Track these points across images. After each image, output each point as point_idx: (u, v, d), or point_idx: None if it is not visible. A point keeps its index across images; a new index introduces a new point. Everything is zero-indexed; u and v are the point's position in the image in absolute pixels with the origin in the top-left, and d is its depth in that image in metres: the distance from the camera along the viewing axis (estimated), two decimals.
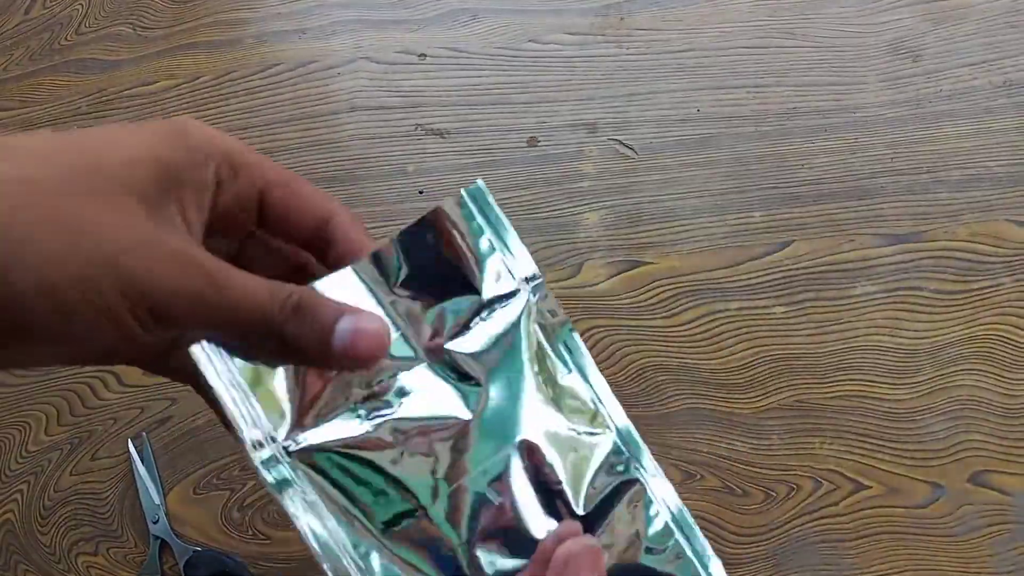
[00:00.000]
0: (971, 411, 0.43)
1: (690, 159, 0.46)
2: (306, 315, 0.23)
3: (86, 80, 0.52)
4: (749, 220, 0.45)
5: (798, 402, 0.44)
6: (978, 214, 0.45)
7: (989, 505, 0.42)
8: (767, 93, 0.47)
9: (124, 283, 0.21)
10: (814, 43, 0.47)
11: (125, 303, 0.21)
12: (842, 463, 0.43)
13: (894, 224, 0.45)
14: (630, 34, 0.48)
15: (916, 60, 0.47)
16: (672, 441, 0.44)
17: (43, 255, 0.21)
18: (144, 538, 0.44)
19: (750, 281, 0.45)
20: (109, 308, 0.21)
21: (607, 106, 0.47)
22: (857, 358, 0.44)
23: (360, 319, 0.24)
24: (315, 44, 0.51)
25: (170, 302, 0.22)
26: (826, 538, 0.42)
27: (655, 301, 0.45)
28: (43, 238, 0.21)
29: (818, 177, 0.46)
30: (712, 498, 0.43)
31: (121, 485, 0.45)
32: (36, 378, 0.46)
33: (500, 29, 0.49)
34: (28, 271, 0.20)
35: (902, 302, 0.44)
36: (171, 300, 0.22)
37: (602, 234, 0.45)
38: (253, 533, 0.44)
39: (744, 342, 0.44)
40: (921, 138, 0.46)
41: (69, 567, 0.44)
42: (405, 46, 0.50)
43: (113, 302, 0.21)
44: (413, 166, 0.48)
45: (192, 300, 0.22)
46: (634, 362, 0.44)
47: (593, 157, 0.47)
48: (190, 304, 0.22)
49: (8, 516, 0.45)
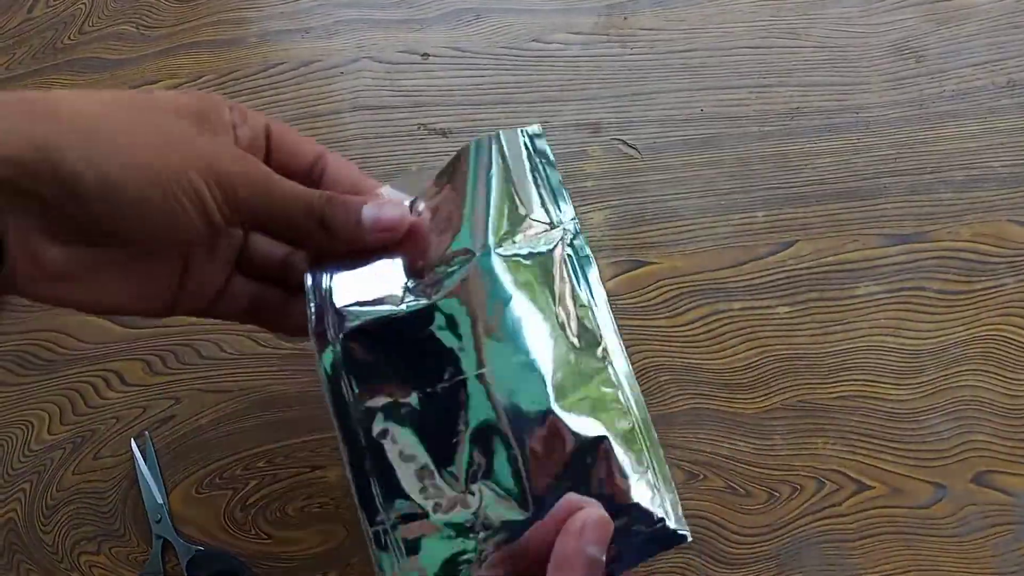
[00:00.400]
0: (974, 411, 0.43)
1: (694, 159, 0.46)
2: (338, 203, 0.29)
3: (89, 79, 0.52)
4: (752, 220, 0.45)
5: (801, 402, 0.44)
6: (981, 214, 0.45)
7: (992, 505, 0.42)
8: (770, 93, 0.47)
9: (207, 171, 0.26)
10: (817, 43, 0.47)
11: (207, 188, 0.26)
12: (845, 463, 0.43)
13: (898, 224, 0.45)
14: (634, 34, 0.48)
15: (919, 60, 0.47)
16: (675, 441, 0.44)
17: (143, 148, 0.25)
18: (147, 537, 0.44)
19: (753, 281, 0.45)
20: (196, 190, 0.26)
21: (611, 106, 0.47)
22: (860, 358, 0.44)
23: (382, 206, 0.30)
24: (318, 43, 0.51)
25: (239, 188, 0.27)
26: (829, 538, 0.42)
27: (658, 301, 0.45)
28: (140, 139, 0.25)
29: (821, 177, 0.45)
30: (715, 498, 0.43)
31: (124, 484, 0.45)
32: (38, 377, 0.46)
33: (503, 29, 0.49)
34: (134, 157, 0.25)
35: (905, 302, 0.44)
36: (240, 186, 0.27)
37: (605, 234, 0.45)
38: (256, 532, 0.44)
39: (747, 342, 0.44)
40: (925, 138, 0.46)
41: (72, 566, 0.44)
42: (408, 45, 0.50)
43: (199, 186, 0.26)
44: (416, 166, 0.48)
45: (256, 188, 0.27)
46: (637, 362, 0.44)
47: (597, 157, 0.47)
48: (253, 192, 0.27)
49: (11, 515, 0.45)
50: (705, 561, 0.43)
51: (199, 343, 0.45)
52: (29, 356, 0.46)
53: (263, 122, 0.31)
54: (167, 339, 0.45)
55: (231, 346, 0.45)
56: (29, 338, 0.46)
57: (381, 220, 0.30)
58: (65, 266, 0.26)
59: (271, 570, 0.44)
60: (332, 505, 0.45)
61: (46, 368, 0.46)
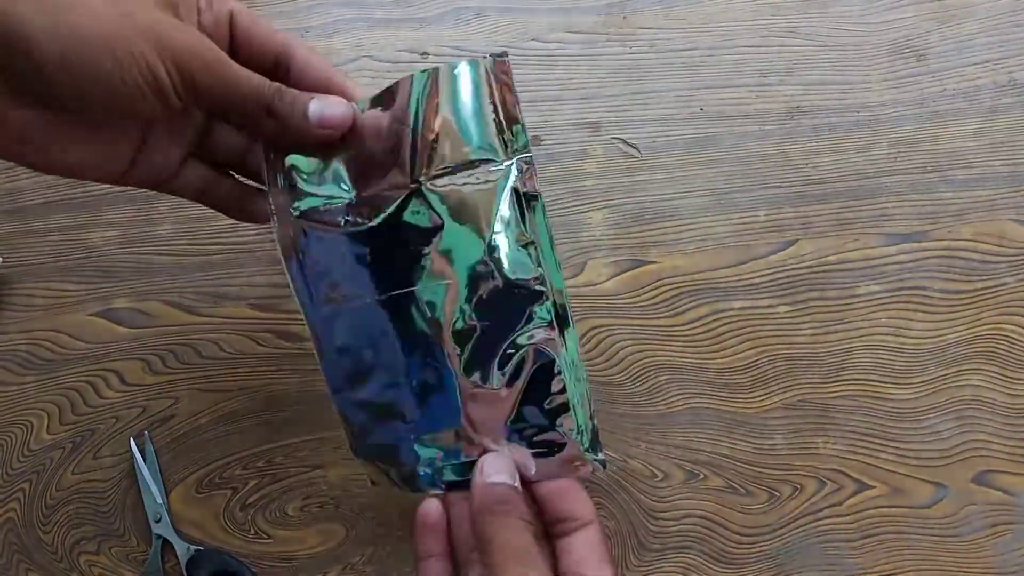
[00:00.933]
0: (975, 411, 0.43)
1: (694, 158, 0.46)
2: (286, 95, 0.30)
3: None
4: (753, 219, 0.45)
5: (802, 402, 0.43)
6: (982, 213, 0.45)
7: (993, 505, 0.42)
8: (771, 92, 0.46)
9: (162, 45, 0.27)
10: (818, 42, 0.47)
11: (161, 62, 0.27)
12: (846, 463, 0.43)
13: (898, 223, 0.45)
14: (633, 33, 0.48)
15: (920, 59, 0.46)
16: (675, 441, 0.43)
17: (102, 21, 0.25)
18: (146, 537, 0.44)
19: (754, 280, 0.45)
20: (152, 69, 0.26)
21: (610, 105, 0.47)
22: (861, 358, 0.44)
23: (329, 100, 0.31)
24: (317, 42, 0.51)
25: (193, 66, 0.27)
26: (830, 538, 0.42)
27: (658, 300, 0.45)
28: (100, 10, 0.25)
29: (822, 176, 0.45)
30: (716, 498, 0.43)
31: (123, 484, 0.45)
32: (38, 377, 0.46)
33: (503, 28, 0.49)
34: (92, 29, 0.25)
35: (906, 302, 0.44)
36: (194, 64, 0.27)
37: (605, 233, 0.45)
38: (255, 532, 0.44)
39: (748, 341, 0.44)
40: (925, 137, 0.46)
41: (71, 566, 0.44)
42: (408, 44, 0.50)
43: (155, 65, 0.26)
44: None
45: (209, 69, 0.28)
46: (637, 361, 0.44)
47: (597, 156, 0.46)
48: (207, 72, 0.28)
49: (10, 515, 0.45)
50: (705, 560, 0.43)
51: (199, 343, 0.45)
52: (29, 356, 0.46)
53: (228, 7, 0.31)
54: (167, 339, 0.45)
55: (231, 346, 0.45)
56: (29, 338, 0.46)
57: (325, 117, 0.31)
58: (27, 127, 0.27)
59: (271, 570, 0.44)
60: (332, 505, 0.44)
61: (46, 368, 0.46)
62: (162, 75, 0.27)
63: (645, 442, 0.44)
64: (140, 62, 0.26)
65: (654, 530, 0.43)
